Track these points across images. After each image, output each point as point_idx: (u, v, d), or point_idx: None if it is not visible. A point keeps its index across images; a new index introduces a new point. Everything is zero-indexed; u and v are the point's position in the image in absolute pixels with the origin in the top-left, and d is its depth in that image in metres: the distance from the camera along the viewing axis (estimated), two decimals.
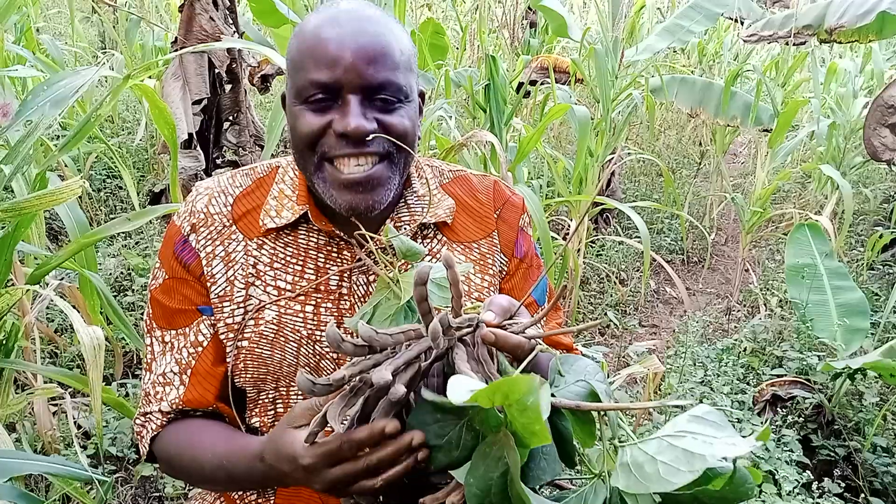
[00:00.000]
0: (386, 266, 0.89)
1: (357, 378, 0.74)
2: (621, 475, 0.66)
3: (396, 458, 0.74)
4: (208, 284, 1.00)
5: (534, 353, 0.77)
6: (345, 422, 0.74)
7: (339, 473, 0.76)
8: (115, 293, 3.13)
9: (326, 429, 0.76)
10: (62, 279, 2.72)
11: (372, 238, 0.92)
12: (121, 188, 4.24)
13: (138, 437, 1.06)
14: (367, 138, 0.90)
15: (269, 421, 1.03)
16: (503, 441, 0.66)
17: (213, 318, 1.01)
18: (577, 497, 0.72)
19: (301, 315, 0.99)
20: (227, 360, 1.01)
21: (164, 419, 1.02)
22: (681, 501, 0.65)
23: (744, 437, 0.61)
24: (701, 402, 0.69)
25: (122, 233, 3.66)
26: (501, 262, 1.09)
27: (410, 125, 0.95)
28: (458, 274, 0.77)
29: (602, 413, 0.71)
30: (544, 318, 1.09)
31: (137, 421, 1.05)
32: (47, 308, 2.88)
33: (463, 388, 0.63)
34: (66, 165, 3.54)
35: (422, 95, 1.04)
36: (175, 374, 1.01)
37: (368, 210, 0.95)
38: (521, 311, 0.83)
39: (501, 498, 0.67)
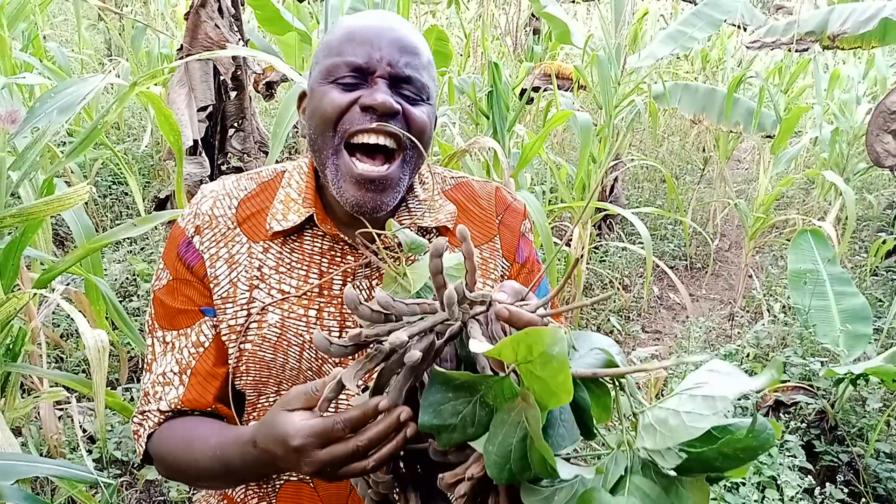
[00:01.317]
0: (391, 261, 0.90)
1: (373, 341, 0.74)
2: (646, 436, 0.65)
3: (386, 434, 0.73)
4: (211, 286, 1.01)
5: None
6: (359, 384, 0.74)
7: (329, 455, 0.75)
8: (120, 298, 3.15)
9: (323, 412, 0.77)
10: (68, 284, 2.74)
11: (378, 234, 0.93)
12: (126, 194, 4.27)
13: (135, 436, 1.06)
14: (391, 115, 0.93)
15: None
16: (521, 404, 0.66)
17: (215, 319, 1.02)
18: (596, 467, 0.71)
19: (304, 319, 1.00)
20: (229, 361, 1.02)
21: (162, 417, 1.02)
22: (706, 458, 0.64)
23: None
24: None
25: (128, 239, 3.69)
26: (503, 267, 1.10)
27: (428, 123, 0.98)
28: (472, 247, 0.78)
29: (618, 384, 0.71)
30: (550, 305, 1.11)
31: (135, 419, 1.05)
32: (53, 313, 2.90)
33: (484, 342, 0.64)
34: (72, 172, 3.57)
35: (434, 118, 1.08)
36: (175, 374, 1.02)
37: (374, 210, 0.96)
38: (529, 295, 0.84)
39: (522, 464, 0.66)
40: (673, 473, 0.66)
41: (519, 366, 0.64)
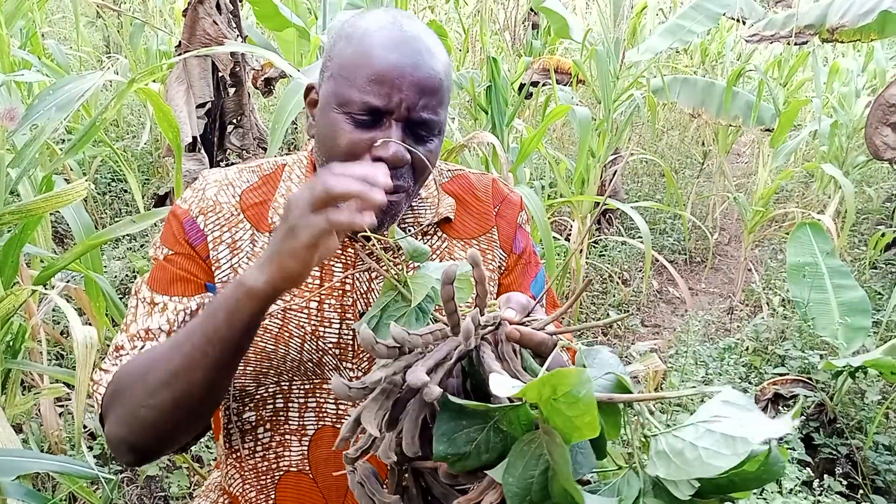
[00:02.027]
0: (392, 266, 0.90)
1: (388, 381, 0.74)
2: (659, 463, 0.66)
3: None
4: (213, 269, 1.01)
5: (556, 347, 0.78)
6: (378, 425, 0.74)
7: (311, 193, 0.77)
8: (120, 295, 3.15)
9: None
10: (68, 281, 2.74)
11: (380, 238, 0.93)
12: (126, 191, 4.27)
13: (94, 391, 0.95)
14: (398, 168, 0.93)
15: (268, 415, 1.04)
16: (543, 438, 0.66)
17: None
18: (610, 489, 0.72)
19: (305, 310, 1.00)
20: None
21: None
22: (718, 484, 0.65)
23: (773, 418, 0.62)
24: (703, 401, 0.68)
25: (127, 236, 3.69)
26: (500, 258, 1.11)
27: (434, 159, 0.99)
28: (484, 272, 0.78)
29: (627, 404, 0.72)
30: (544, 309, 1.11)
31: (94, 377, 0.96)
32: (53, 310, 2.90)
33: (506, 384, 0.64)
34: (71, 169, 3.57)
35: None
36: (163, 332, 0.96)
37: (379, 232, 0.98)
38: (536, 309, 0.85)
39: (542, 496, 0.67)
40: (686, 497, 0.66)
41: (542, 400, 0.65)
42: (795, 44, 4.89)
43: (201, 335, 0.84)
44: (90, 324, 1.90)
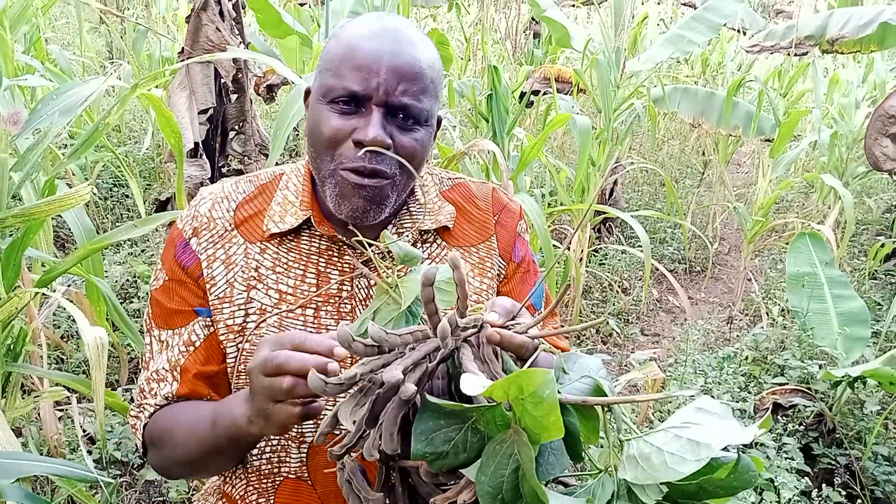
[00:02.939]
0: (384, 271, 0.91)
1: (367, 377, 0.76)
2: (628, 467, 0.67)
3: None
4: (207, 286, 1.03)
5: (537, 351, 0.79)
6: (356, 421, 0.75)
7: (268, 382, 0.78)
8: (121, 300, 3.16)
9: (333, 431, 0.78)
10: (69, 285, 2.75)
11: (371, 244, 0.94)
12: (127, 196, 4.28)
13: (133, 429, 1.07)
14: (382, 153, 0.95)
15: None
16: (514, 438, 0.67)
17: (210, 319, 1.03)
18: (585, 491, 0.73)
19: (301, 319, 1.01)
20: (228, 361, 1.03)
21: (158, 407, 1.03)
22: (686, 491, 0.66)
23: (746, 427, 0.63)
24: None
25: (128, 241, 3.70)
26: (499, 266, 1.12)
27: (420, 149, 1.00)
28: (464, 275, 0.79)
29: (606, 409, 0.73)
30: (543, 322, 1.12)
31: (132, 413, 1.06)
32: (54, 314, 2.91)
33: (476, 383, 0.65)
34: (73, 174, 3.59)
35: (439, 122, 1.08)
36: (167, 371, 1.03)
37: (367, 219, 0.99)
38: (522, 312, 0.85)
39: (514, 494, 0.68)
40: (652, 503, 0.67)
41: (511, 399, 0.66)
42: (796, 55, 4.91)
43: (210, 445, 0.94)
44: None
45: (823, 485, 2.33)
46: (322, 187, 1.01)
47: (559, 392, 0.73)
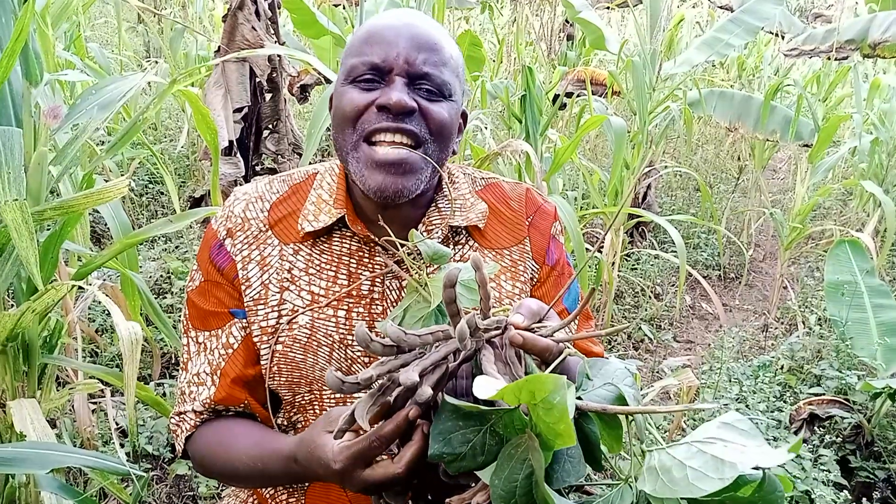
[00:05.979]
0: (415, 270, 0.90)
1: (385, 377, 0.75)
2: (648, 479, 0.65)
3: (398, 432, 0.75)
4: (242, 288, 1.03)
5: (562, 356, 0.77)
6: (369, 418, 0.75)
7: (372, 476, 0.76)
8: (154, 296, 3.19)
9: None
10: (104, 280, 2.79)
11: (402, 244, 0.93)
12: (162, 193, 4.34)
13: (174, 435, 1.09)
14: (407, 114, 0.95)
15: (314, 419, 1.04)
16: (528, 442, 0.66)
17: (245, 321, 1.03)
18: (603, 501, 0.71)
19: (333, 320, 1.00)
20: (262, 362, 1.03)
21: (198, 419, 1.04)
22: None
23: (776, 448, 0.60)
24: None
25: (163, 237, 3.74)
26: (533, 269, 1.10)
27: (448, 120, 0.99)
28: (486, 276, 0.78)
29: (630, 418, 0.71)
30: (575, 324, 1.09)
31: (173, 420, 1.08)
32: (89, 308, 2.95)
33: (489, 386, 0.64)
34: (110, 171, 3.64)
35: (464, 116, 1.07)
36: (207, 374, 1.04)
37: (397, 195, 0.96)
38: (550, 314, 0.83)
39: (527, 500, 0.67)
40: None
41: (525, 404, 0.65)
42: (835, 59, 4.82)
43: (269, 479, 0.99)
44: None
45: (862, 499, 2.27)
46: (347, 167, 1.00)
47: (580, 398, 0.71)
